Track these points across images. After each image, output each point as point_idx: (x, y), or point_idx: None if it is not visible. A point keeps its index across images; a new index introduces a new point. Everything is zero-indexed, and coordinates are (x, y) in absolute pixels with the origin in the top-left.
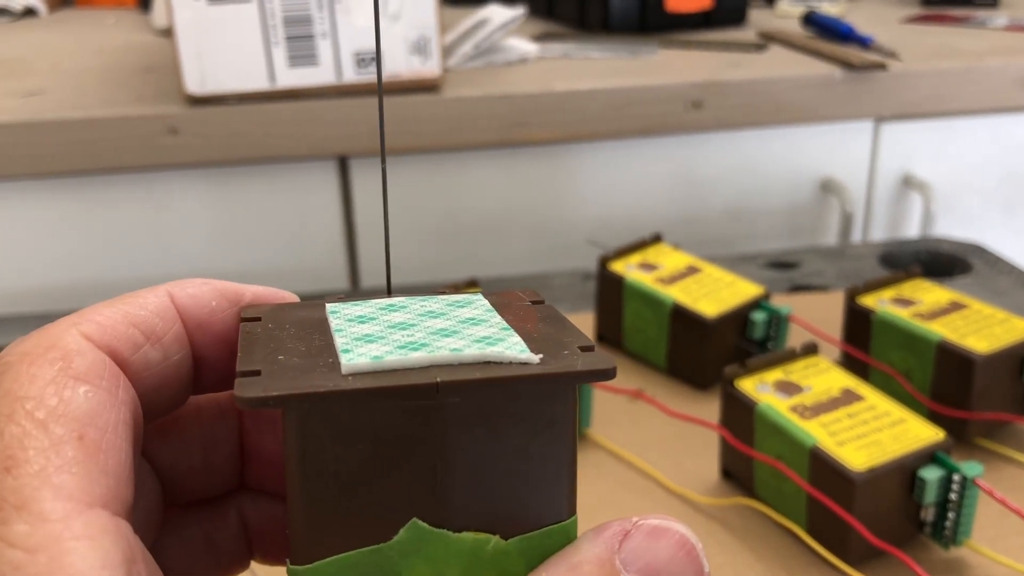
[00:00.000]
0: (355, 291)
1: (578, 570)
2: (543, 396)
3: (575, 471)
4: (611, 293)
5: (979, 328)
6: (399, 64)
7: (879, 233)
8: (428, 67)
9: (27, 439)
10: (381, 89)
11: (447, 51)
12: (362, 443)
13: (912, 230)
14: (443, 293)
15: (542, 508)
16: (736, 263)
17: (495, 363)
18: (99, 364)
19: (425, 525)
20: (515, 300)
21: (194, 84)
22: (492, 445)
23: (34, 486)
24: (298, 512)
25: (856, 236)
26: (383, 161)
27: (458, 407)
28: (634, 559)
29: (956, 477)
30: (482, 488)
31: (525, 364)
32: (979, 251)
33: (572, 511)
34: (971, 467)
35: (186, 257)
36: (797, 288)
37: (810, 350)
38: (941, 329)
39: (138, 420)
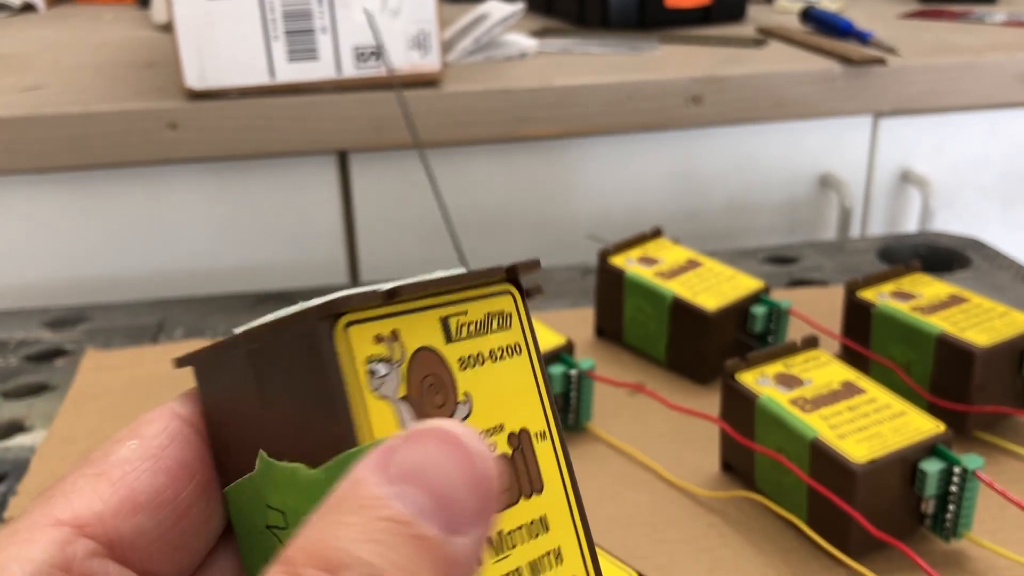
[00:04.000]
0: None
1: (356, 487)
2: (300, 335)
3: (357, 401)
4: (611, 287)
5: (979, 322)
6: (399, 59)
7: (878, 228)
8: (428, 62)
9: None
10: (401, 86)
11: (446, 46)
12: (225, 387)
13: (911, 225)
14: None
15: (335, 438)
16: (735, 257)
17: (284, 316)
18: None
19: (265, 456)
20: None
21: (194, 79)
22: (284, 381)
23: None
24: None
25: (855, 231)
26: (423, 158)
27: (255, 352)
28: (398, 465)
29: (957, 469)
30: (288, 421)
31: (300, 311)
32: (978, 246)
33: (363, 439)
34: (972, 459)
35: (185, 252)
36: (796, 282)
37: (811, 344)
38: (941, 323)
39: None
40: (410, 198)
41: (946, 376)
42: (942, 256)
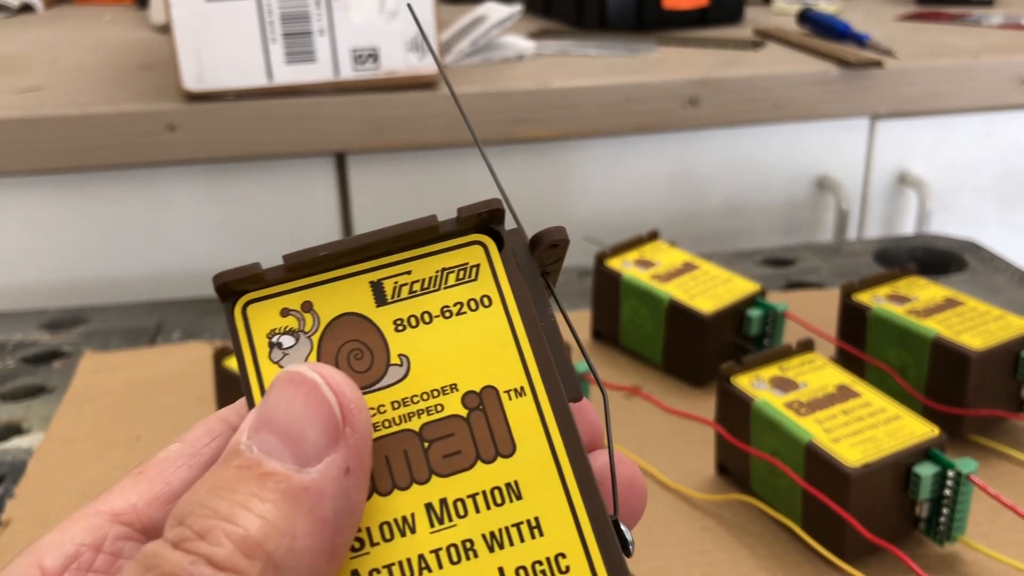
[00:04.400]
0: None
1: (229, 448)
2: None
3: (253, 373)
4: (608, 290)
5: (974, 325)
6: (396, 61)
7: (875, 230)
8: (425, 64)
9: None
10: (450, 83)
11: (444, 48)
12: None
13: (907, 227)
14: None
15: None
16: (732, 260)
17: None
18: None
19: None
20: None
21: (192, 81)
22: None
23: None
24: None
25: (852, 233)
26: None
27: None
28: (257, 417)
29: (951, 473)
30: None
31: None
32: (974, 248)
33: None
34: (965, 463)
35: (183, 253)
36: (793, 285)
37: (806, 347)
38: (936, 326)
39: None
40: (408, 199)
41: (941, 379)
42: (938, 258)
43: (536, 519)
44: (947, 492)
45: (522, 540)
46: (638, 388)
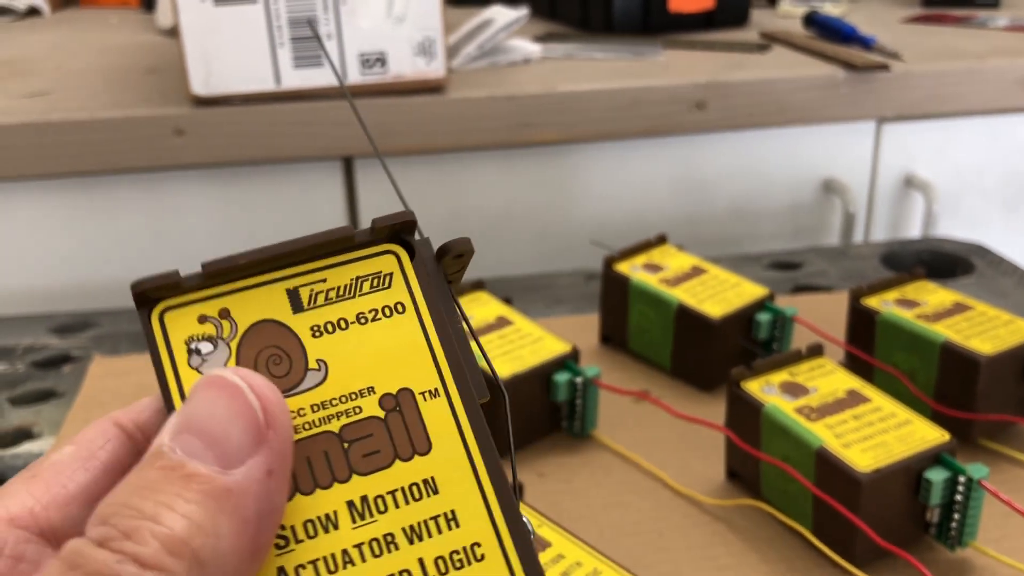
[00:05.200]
0: None
1: (151, 451)
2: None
3: (171, 379)
4: (616, 294)
5: (983, 330)
6: (404, 65)
7: (881, 233)
8: (433, 68)
9: None
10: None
11: (451, 51)
12: None
13: (914, 230)
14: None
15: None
16: (739, 263)
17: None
18: None
19: None
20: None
21: (199, 85)
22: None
23: None
24: None
25: (858, 236)
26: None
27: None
28: (179, 421)
29: (962, 479)
30: None
31: None
32: (981, 251)
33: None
34: (977, 469)
35: (191, 257)
36: (800, 288)
37: (816, 351)
38: (945, 330)
39: None
40: (415, 203)
41: (950, 384)
42: (945, 262)
43: (452, 512)
44: (958, 497)
45: (440, 532)
46: (647, 392)
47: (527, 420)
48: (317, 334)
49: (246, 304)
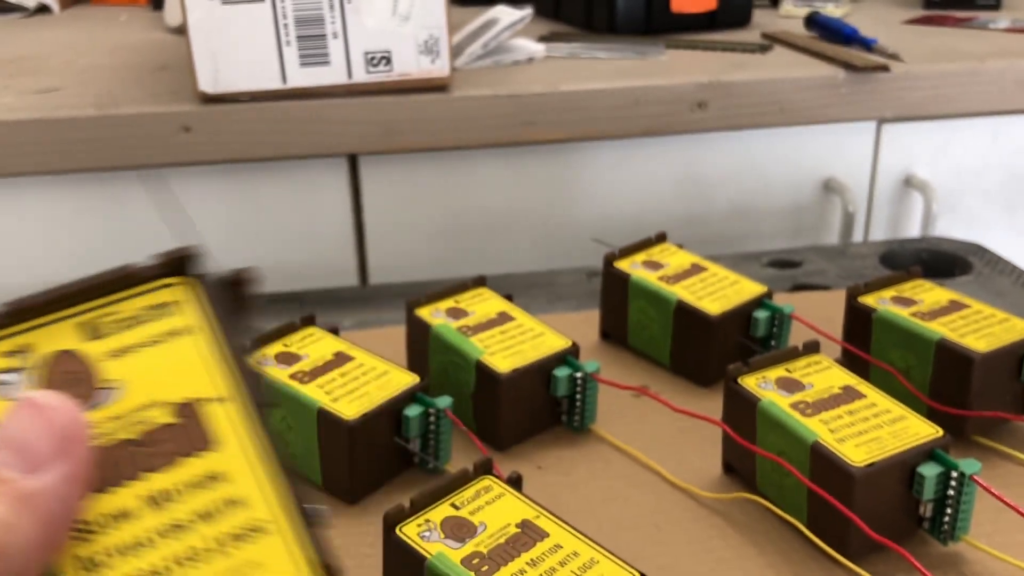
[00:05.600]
0: (364, 286)
1: None
2: None
3: None
4: (616, 291)
5: (978, 328)
6: (409, 64)
7: (880, 233)
8: (437, 67)
9: None
10: None
11: (455, 51)
12: None
13: (913, 230)
14: None
15: None
16: (738, 262)
17: None
18: None
19: None
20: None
21: (207, 83)
22: None
23: None
24: None
25: (858, 236)
26: None
27: None
28: None
29: (954, 474)
30: None
31: None
32: (979, 251)
33: None
34: (969, 464)
35: None
36: (799, 287)
37: (812, 348)
38: (940, 328)
39: None
40: (419, 201)
41: (945, 381)
42: (944, 261)
43: (237, 497)
44: (951, 492)
45: (228, 513)
46: (646, 388)
47: (527, 414)
48: (114, 356)
49: (46, 337)
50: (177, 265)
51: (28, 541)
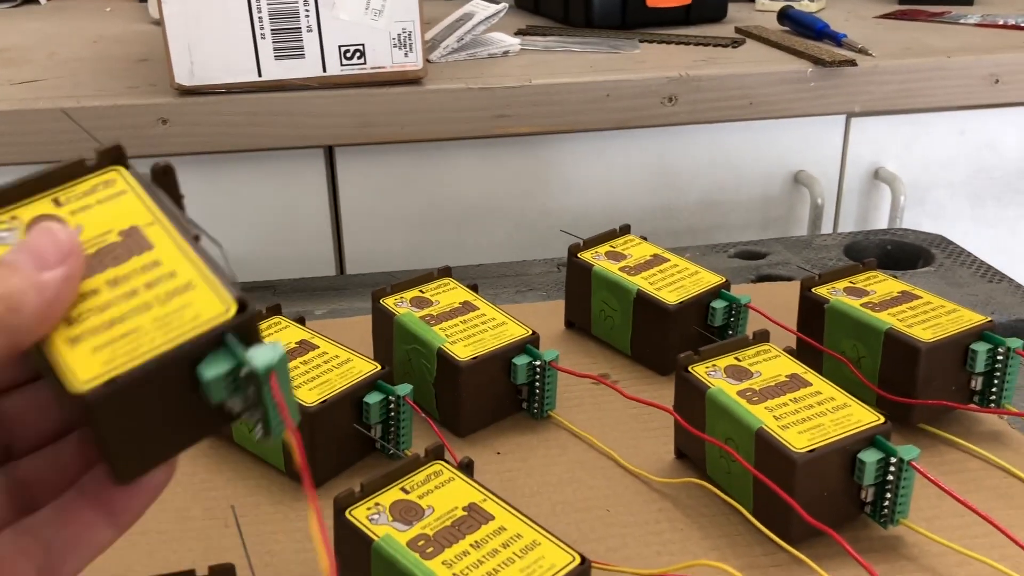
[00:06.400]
0: (342, 276)
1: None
2: None
3: None
4: (580, 281)
5: (927, 319)
6: (382, 58)
7: (850, 225)
8: (411, 60)
9: None
10: None
11: (431, 44)
12: None
13: (882, 222)
14: None
15: None
16: (706, 252)
17: None
18: None
19: None
20: None
21: (183, 76)
22: None
23: None
24: None
25: (827, 228)
26: None
27: None
28: (18, 246)
29: (894, 460)
30: None
31: None
32: (943, 242)
33: None
34: (907, 450)
35: None
36: (763, 278)
37: (762, 337)
38: (889, 319)
39: None
40: (394, 192)
41: (893, 370)
42: (908, 252)
43: (172, 271)
44: (890, 477)
45: (166, 281)
46: (604, 376)
47: (489, 401)
48: (75, 212)
49: (27, 208)
50: (116, 156)
51: (36, 309)
